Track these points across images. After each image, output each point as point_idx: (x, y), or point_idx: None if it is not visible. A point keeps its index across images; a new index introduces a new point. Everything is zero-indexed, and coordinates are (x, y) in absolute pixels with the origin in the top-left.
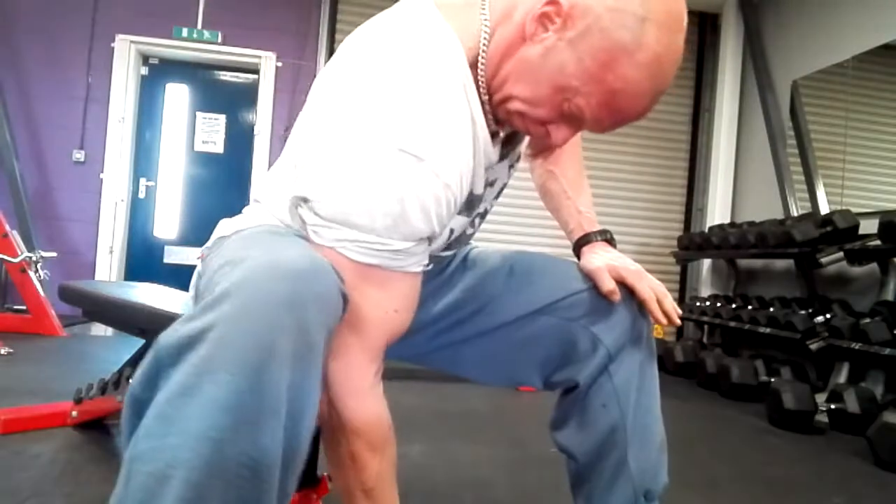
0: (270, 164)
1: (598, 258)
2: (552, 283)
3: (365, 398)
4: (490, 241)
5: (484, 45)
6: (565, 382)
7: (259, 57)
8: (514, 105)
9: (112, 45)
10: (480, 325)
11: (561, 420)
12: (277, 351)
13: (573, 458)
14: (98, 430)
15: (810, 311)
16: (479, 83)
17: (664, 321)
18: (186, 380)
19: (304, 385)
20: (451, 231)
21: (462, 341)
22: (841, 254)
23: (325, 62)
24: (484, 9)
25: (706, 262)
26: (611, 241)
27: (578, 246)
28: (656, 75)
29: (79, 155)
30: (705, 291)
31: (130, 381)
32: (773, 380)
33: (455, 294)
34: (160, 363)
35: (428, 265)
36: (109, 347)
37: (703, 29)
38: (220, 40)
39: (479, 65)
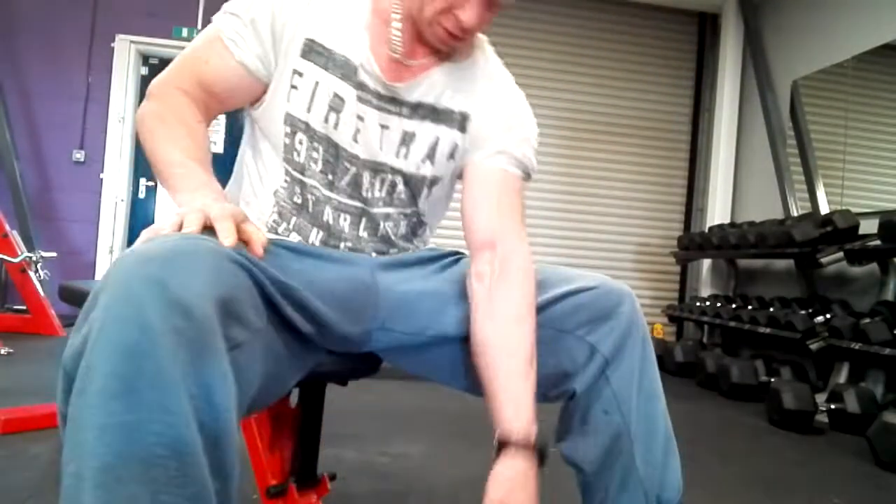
0: None
1: (495, 487)
2: (547, 287)
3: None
4: None
5: None
6: (563, 393)
7: None
8: (426, 11)
9: (112, 45)
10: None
11: (564, 431)
12: (149, 327)
13: (581, 470)
14: None
15: (810, 311)
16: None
17: None
18: (79, 382)
19: (200, 358)
20: (326, 94)
21: (445, 349)
22: (841, 254)
23: None
24: None
25: (706, 262)
26: (542, 454)
27: (499, 444)
28: None
29: (79, 155)
30: (705, 291)
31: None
32: (773, 380)
33: (442, 303)
34: (68, 377)
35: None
36: None
37: (703, 29)
38: None
39: None
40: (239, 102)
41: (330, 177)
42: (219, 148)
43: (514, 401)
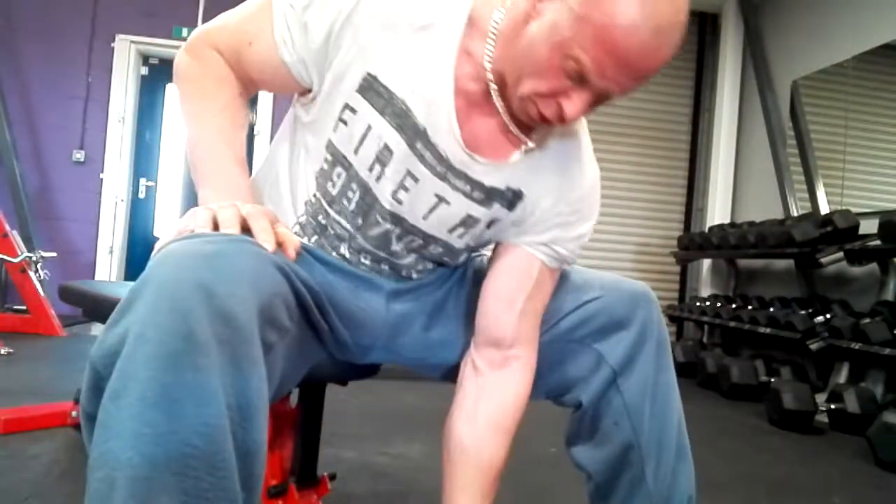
0: None
1: None
2: (553, 300)
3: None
4: None
5: (494, 23)
6: (572, 403)
7: None
8: (525, 87)
9: (112, 45)
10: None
11: (574, 437)
12: (195, 338)
13: (589, 476)
14: None
15: (810, 311)
16: (474, 49)
17: None
18: (115, 385)
19: (240, 369)
20: (376, 142)
21: (447, 355)
22: (841, 254)
23: None
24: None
25: (706, 262)
26: None
27: None
28: (645, 4)
29: (79, 155)
30: (705, 291)
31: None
32: (773, 380)
33: (456, 303)
34: (98, 375)
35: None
36: None
37: (703, 29)
38: None
39: (489, 36)
40: (277, 91)
41: (359, 221)
42: None
43: None
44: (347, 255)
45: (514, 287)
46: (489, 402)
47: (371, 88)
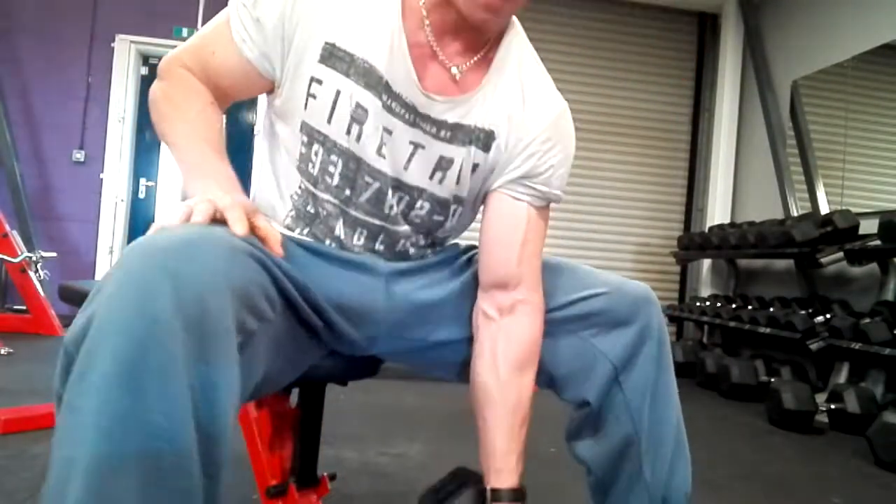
0: None
1: None
2: (559, 284)
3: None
4: None
5: None
6: (574, 399)
7: None
8: None
9: (112, 45)
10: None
11: (576, 431)
12: (159, 318)
13: (590, 470)
14: None
15: (810, 311)
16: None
17: None
18: (80, 366)
19: (206, 353)
20: (348, 104)
21: (449, 348)
22: (841, 254)
23: None
24: None
25: (706, 262)
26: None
27: (492, 492)
28: None
29: (79, 155)
30: (705, 291)
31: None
32: (773, 380)
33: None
34: (68, 358)
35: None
36: None
37: (703, 29)
38: None
39: None
40: (247, 95)
41: (347, 192)
42: None
43: (508, 455)
44: (342, 236)
45: (507, 231)
46: (506, 346)
47: (332, 55)
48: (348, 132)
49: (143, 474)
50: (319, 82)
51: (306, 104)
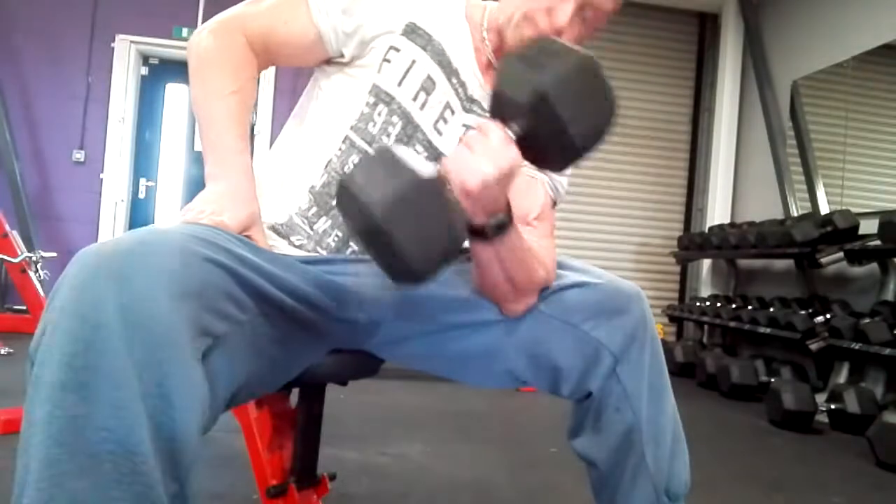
0: None
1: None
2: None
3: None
4: None
5: None
6: (577, 392)
7: None
8: (517, 13)
9: (112, 45)
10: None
11: (577, 428)
12: (105, 324)
13: (594, 465)
14: None
15: (810, 311)
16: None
17: None
18: (34, 376)
19: (158, 355)
20: (420, 73)
21: (451, 340)
22: (841, 254)
23: None
24: None
25: (706, 263)
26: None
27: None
28: None
29: (79, 155)
30: (705, 291)
31: None
32: (773, 380)
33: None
34: (32, 366)
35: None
36: None
37: (703, 29)
38: None
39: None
40: (296, 65)
41: None
42: None
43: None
44: None
45: (523, 203)
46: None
47: (414, 32)
48: (415, 98)
49: (98, 478)
50: (397, 50)
51: (380, 68)
